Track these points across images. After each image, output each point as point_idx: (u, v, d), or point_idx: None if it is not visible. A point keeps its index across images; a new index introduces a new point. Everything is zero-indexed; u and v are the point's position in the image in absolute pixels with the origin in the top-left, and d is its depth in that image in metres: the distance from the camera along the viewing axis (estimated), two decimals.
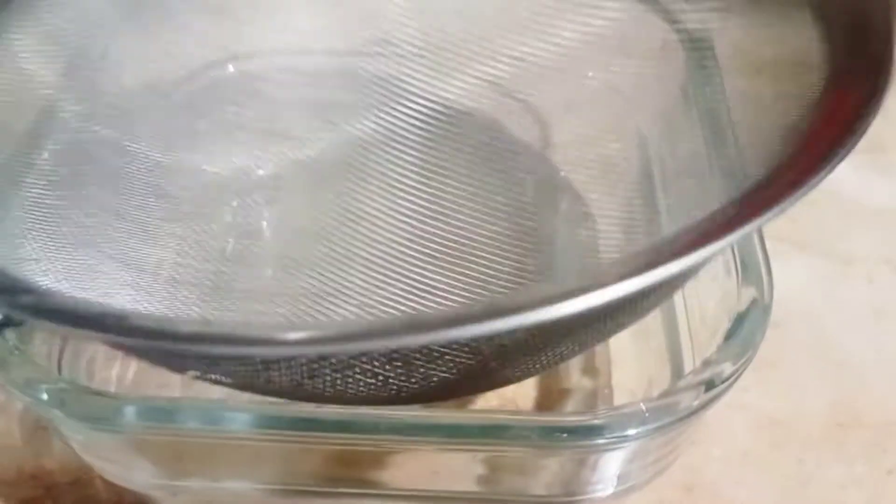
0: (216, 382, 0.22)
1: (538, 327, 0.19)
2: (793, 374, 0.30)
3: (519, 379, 0.27)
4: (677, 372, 0.27)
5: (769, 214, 0.18)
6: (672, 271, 0.17)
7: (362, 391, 0.21)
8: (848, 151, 0.20)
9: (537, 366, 0.24)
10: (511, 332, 0.19)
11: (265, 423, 0.21)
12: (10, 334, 0.23)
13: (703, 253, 0.18)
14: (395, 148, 0.36)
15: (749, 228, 0.18)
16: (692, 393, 0.21)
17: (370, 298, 0.30)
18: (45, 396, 0.22)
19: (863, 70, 0.24)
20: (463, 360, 0.20)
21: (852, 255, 0.33)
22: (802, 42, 0.27)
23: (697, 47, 0.32)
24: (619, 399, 0.30)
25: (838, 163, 0.20)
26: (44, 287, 0.20)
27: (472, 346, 0.20)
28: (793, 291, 0.32)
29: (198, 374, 0.21)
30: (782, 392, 0.30)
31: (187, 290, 0.27)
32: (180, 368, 0.22)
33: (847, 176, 0.33)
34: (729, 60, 0.30)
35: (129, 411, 0.21)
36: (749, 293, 0.24)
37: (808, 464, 0.28)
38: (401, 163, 0.36)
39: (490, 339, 0.19)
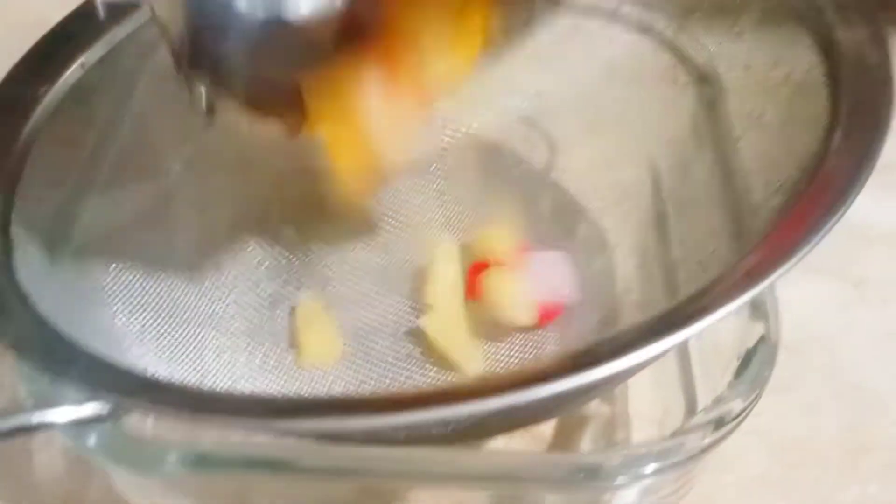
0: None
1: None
2: (807, 398, 0.31)
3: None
4: (691, 401, 0.28)
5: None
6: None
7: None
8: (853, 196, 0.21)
9: None
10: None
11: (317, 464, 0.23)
12: None
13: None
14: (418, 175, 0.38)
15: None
16: (704, 431, 0.22)
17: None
18: (91, 442, 0.23)
19: (868, 105, 0.25)
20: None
21: (865, 277, 0.33)
22: (809, 75, 0.28)
23: (706, 80, 0.32)
24: (636, 426, 0.30)
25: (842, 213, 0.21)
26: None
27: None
28: (807, 315, 0.32)
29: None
30: (797, 416, 0.30)
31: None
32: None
33: (858, 198, 0.34)
34: (737, 91, 0.31)
35: (171, 457, 0.23)
36: (758, 329, 0.25)
37: (823, 486, 0.29)
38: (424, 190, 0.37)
39: None
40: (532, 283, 0.31)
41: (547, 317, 0.32)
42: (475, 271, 0.33)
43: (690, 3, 0.32)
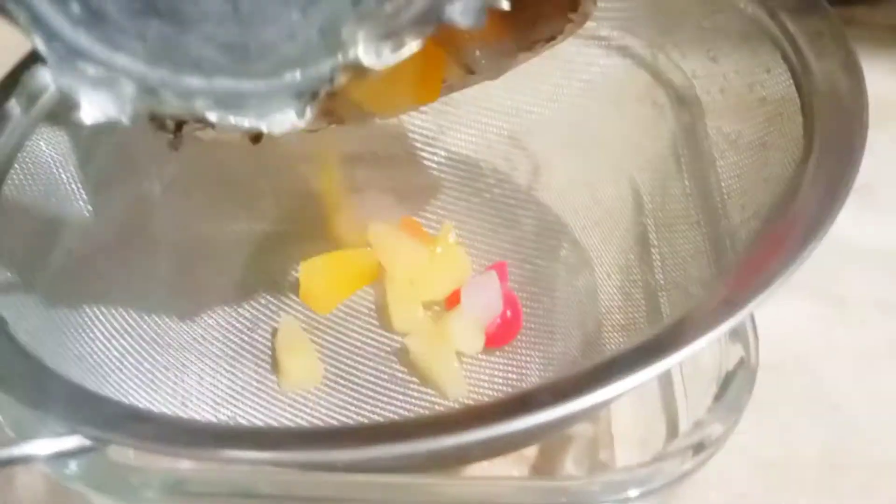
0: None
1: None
2: (788, 417, 0.31)
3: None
4: (672, 421, 0.28)
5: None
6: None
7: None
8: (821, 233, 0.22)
9: None
10: None
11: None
12: None
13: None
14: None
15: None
16: (684, 455, 0.22)
17: None
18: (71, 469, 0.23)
19: (842, 133, 0.25)
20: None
21: (844, 296, 0.34)
22: (784, 101, 0.28)
23: (684, 101, 0.33)
24: (619, 446, 0.31)
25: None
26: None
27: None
28: (786, 334, 0.32)
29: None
30: (777, 434, 0.30)
31: None
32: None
33: (837, 217, 0.34)
34: (713, 114, 0.32)
35: (153, 485, 0.22)
36: (737, 351, 0.25)
37: None
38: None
39: None
40: (468, 309, 0.32)
41: (496, 340, 0.32)
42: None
43: (667, 27, 0.33)
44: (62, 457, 0.21)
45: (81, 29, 0.19)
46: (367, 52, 0.19)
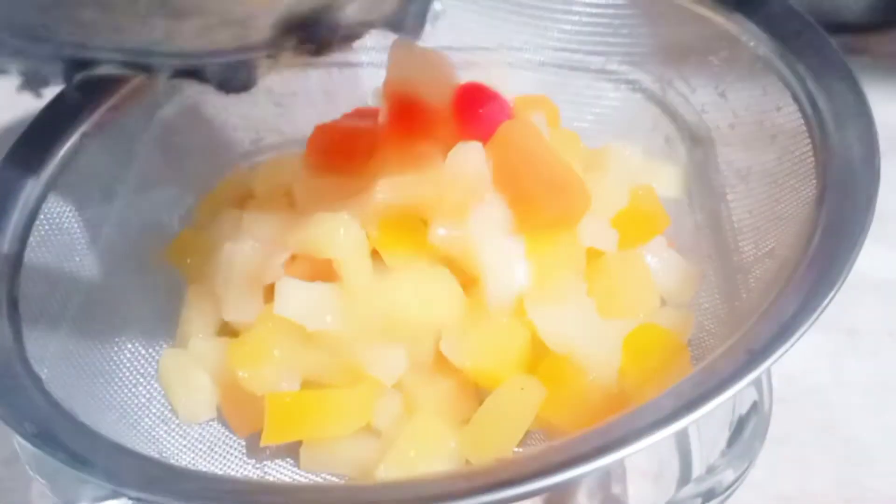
0: None
1: None
2: (801, 451, 0.31)
3: None
4: (685, 456, 0.28)
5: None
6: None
7: None
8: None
9: None
10: None
11: None
12: None
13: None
14: None
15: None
16: (695, 502, 0.23)
17: None
18: None
19: (854, 176, 0.25)
20: None
21: (857, 328, 0.34)
22: (794, 139, 0.28)
23: (695, 135, 0.33)
24: (632, 480, 0.31)
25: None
26: None
27: None
28: (799, 366, 0.33)
29: None
30: (791, 469, 0.30)
31: None
32: None
33: None
34: (724, 149, 0.32)
35: None
36: (750, 395, 0.25)
37: None
38: None
39: None
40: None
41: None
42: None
43: (674, 62, 0.33)
44: None
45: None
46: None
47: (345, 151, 0.29)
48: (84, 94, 0.30)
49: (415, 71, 0.29)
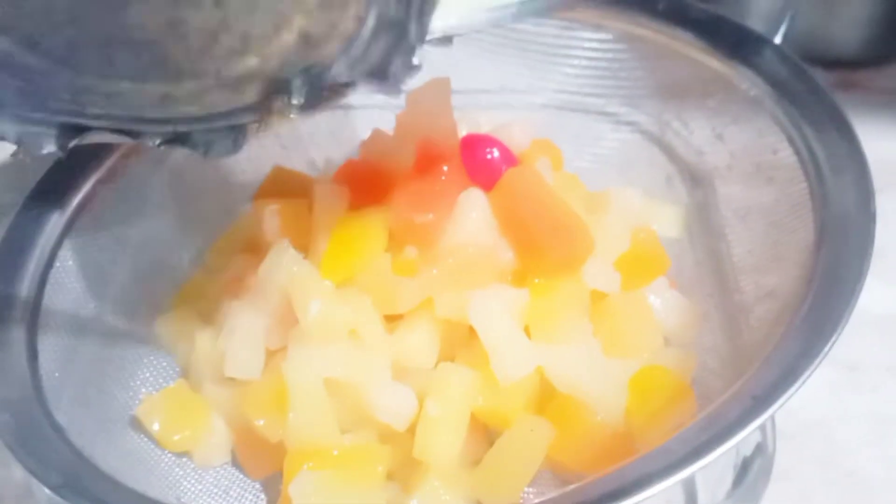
0: None
1: None
2: (804, 484, 0.31)
3: None
4: (691, 499, 0.29)
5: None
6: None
7: None
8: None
9: None
10: None
11: None
12: None
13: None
14: None
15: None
16: None
17: None
18: None
19: (851, 220, 0.26)
20: None
21: (857, 363, 0.34)
22: (792, 182, 0.29)
23: (694, 175, 0.34)
24: None
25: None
26: None
27: None
28: (800, 401, 0.33)
29: None
30: (794, 503, 0.31)
31: None
32: None
33: None
34: (722, 190, 0.33)
35: None
36: (754, 436, 0.26)
37: None
38: None
39: None
40: None
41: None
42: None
43: (672, 104, 0.34)
44: None
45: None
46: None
47: (369, 187, 0.30)
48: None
49: (427, 118, 0.30)
